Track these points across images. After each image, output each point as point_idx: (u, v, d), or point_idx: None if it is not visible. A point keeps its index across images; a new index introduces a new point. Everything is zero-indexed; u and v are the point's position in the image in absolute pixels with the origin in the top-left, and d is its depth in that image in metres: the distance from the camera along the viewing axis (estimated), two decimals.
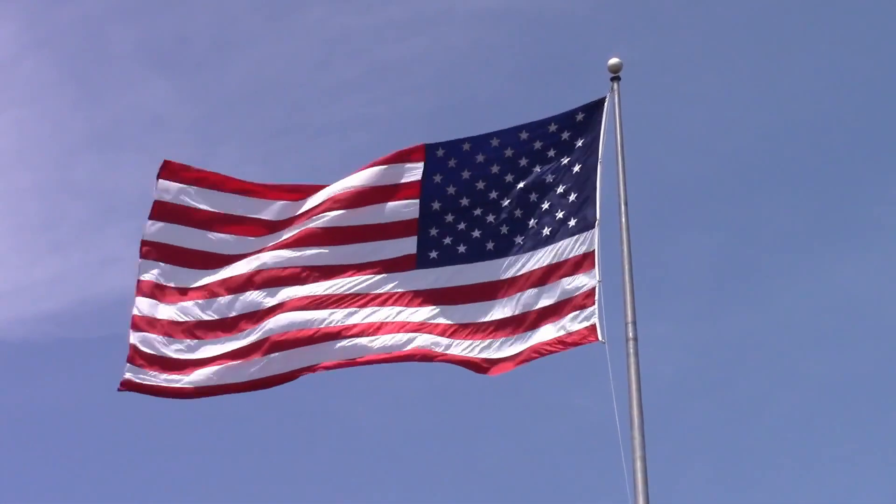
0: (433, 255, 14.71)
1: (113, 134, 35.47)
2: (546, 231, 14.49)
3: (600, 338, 13.56)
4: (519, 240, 14.60)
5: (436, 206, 14.86)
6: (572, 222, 14.40)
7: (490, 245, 14.64)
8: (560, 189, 14.63)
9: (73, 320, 32.93)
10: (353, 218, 14.94)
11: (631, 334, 13.18)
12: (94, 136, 35.48)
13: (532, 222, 14.61)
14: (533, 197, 14.70)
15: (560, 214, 14.52)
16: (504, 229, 14.69)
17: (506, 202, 14.78)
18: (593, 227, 14.21)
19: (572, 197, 14.54)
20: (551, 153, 14.80)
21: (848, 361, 30.97)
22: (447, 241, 14.77)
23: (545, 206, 14.63)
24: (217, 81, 35.80)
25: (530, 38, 35.21)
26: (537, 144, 14.85)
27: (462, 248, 14.67)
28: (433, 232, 14.81)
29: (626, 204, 13.95)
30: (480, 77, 35.48)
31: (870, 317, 31.21)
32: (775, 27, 34.93)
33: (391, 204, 14.90)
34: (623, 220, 13.87)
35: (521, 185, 14.77)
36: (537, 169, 14.78)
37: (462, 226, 14.79)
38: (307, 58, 36.00)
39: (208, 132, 35.55)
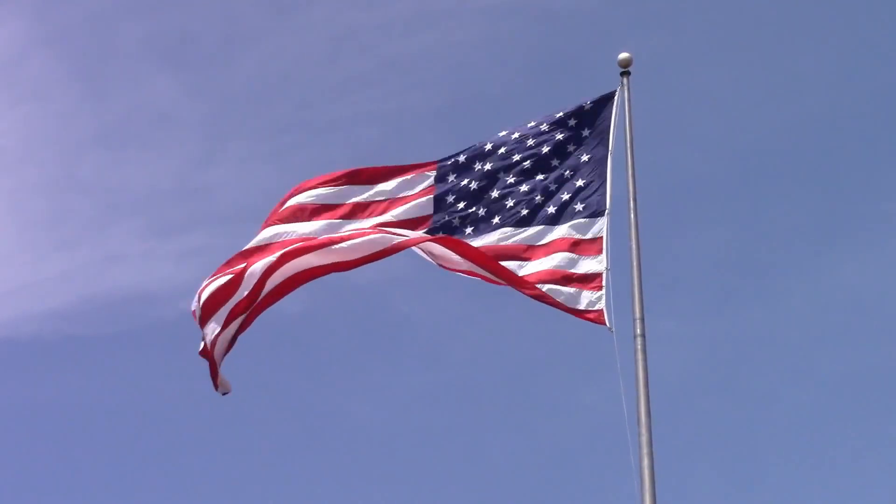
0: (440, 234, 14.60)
1: (120, 130, 35.50)
2: (551, 209, 14.46)
3: (608, 324, 13.48)
4: (525, 212, 14.55)
5: (449, 198, 14.81)
6: (579, 206, 14.38)
7: (496, 219, 14.56)
8: (566, 173, 14.65)
9: (80, 317, 32.92)
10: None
11: (639, 331, 13.07)
12: (100, 132, 35.50)
13: (538, 198, 14.59)
14: (540, 176, 14.70)
15: (566, 196, 14.50)
16: (509, 202, 14.64)
17: (511, 178, 14.75)
18: (602, 215, 14.18)
19: (579, 182, 14.55)
20: (559, 136, 14.83)
21: (857, 358, 30.90)
22: (455, 220, 14.71)
23: (552, 187, 14.61)
24: (224, 78, 35.82)
25: (539, 33, 35.25)
26: (544, 126, 14.90)
27: (469, 230, 14.61)
28: (444, 211, 14.76)
29: (635, 200, 13.91)
30: (489, 72, 35.49)
31: (879, 313, 31.14)
32: (784, 24, 34.88)
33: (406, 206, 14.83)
34: (632, 216, 13.82)
35: (527, 164, 14.77)
36: (544, 149, 14.79)
37: (470, 205, 14.73)
38: (315, 53, 36.02)
39: (215, 128, 35.56)
